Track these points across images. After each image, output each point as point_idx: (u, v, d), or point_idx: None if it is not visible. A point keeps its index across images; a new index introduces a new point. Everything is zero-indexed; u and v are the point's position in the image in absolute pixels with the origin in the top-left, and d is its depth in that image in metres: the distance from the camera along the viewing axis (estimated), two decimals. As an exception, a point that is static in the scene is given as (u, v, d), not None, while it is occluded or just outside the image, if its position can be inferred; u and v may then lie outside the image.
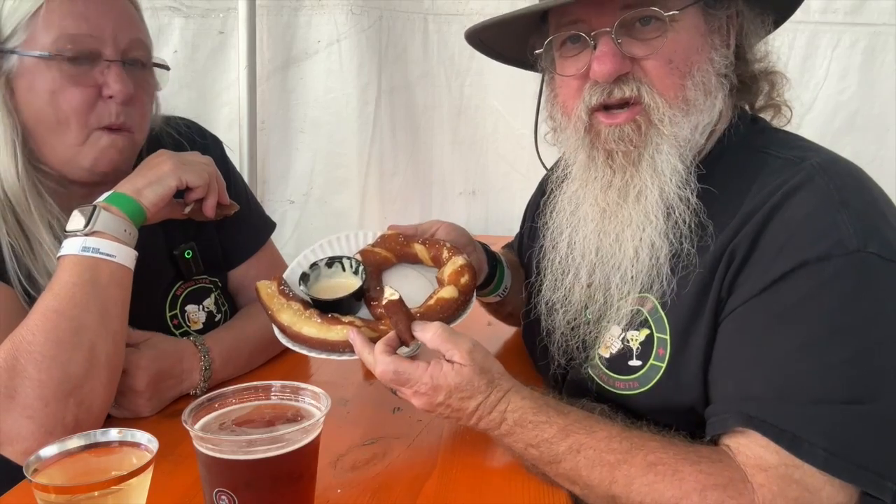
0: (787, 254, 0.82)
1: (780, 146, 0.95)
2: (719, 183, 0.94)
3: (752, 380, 0.82)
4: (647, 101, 0.92)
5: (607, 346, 0.99)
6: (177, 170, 1.09)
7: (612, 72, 0.91)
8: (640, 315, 0.95)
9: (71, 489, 0.69)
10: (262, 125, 2.57)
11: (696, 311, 0.90)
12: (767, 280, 0.83)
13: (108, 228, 1.01)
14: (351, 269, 1.11)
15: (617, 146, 0.94)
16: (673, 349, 0.92)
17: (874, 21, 2.31)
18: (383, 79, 2.57)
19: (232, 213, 1.23)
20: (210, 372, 1.16)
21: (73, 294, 0.97)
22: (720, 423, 0.84)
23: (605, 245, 0.98)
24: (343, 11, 2.51)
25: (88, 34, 1.05)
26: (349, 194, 2.69)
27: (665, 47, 0.91)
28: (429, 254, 1.16)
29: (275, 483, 0.74)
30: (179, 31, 2.45)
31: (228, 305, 1.33)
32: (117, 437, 0.76)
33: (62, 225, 1.07)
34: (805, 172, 0.87)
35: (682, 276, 0.92)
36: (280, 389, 0.83)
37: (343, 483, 0.91)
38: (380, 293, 1.03)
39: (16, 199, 1.05)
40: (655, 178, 0.92)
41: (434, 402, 0.89)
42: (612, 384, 0.98)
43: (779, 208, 0.85)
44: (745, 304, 0.85)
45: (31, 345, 0.94)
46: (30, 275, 1.05)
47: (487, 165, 2.62)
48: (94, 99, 1.08)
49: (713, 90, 0.93)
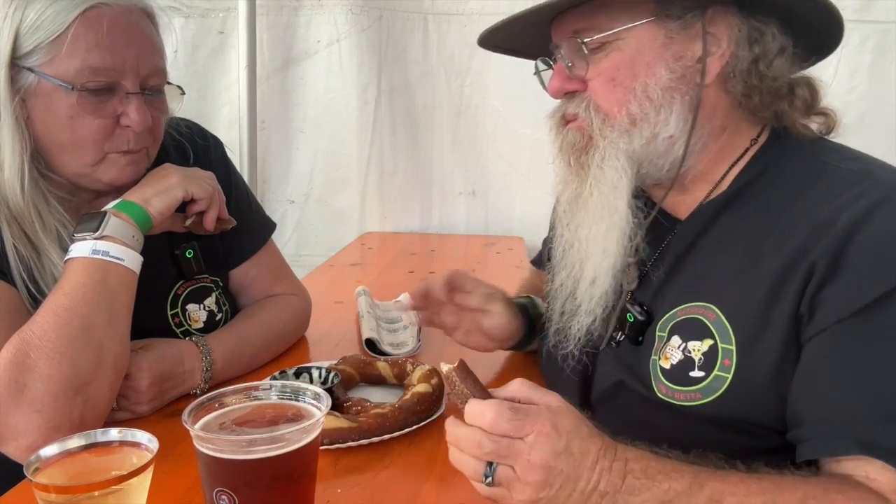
0: (883, 272, 0.80)
1: (836, 155, 0.95)
2: (771, 192, 0.93)
3: (856, 401, 0.79)
4: (587, 119, 0.97)
5: (667, 357, 0.96)
6: (183, 182, 1.12)
7: (557, 90, 1.00)
8: (702, 324, 0.93)
9: (71, 489, 0.69)
10: (261, 125, 2.57)
11: (764, 321, 0.87)
12: (865, 299, 0.80)
13: (117, 233, 1.03)
14: (319, 379, 1.13)
15: (570, 150, 1.01)
16: (739, 359, 0.89)
17: (884, 18, 2.27)
18: (383, 78, 2.57)
19: (229, 227, 1.25)
20: (211, 373, 1.16)
21: (83, 294, 0.98)
22: (824, 447, 0.80)
23: (574, 242, 1.02)
24: (343, 11, 2.51)
25: (112, 68, 1.05)
26: (349, 194, 2.69)
27: (607, 67, 0.95)
28: (392, 371, 1.21)
29: (275, 483, 0.74)
30: (179, 31, 2.45)
31: (229, 305, 1.33)
32: (117, 437, 0.76)
33: (69, 231, 1.08)
34: (883, 187, 0.86)
35: (742, 284, 0.90)
36: (280, 389, 0.83)
37: (343, 483, 0.92)
38: (352, 403, 1.06)
39: (19, 210, 1.06)
40: (597, 186, 0.97)
41: (557, 450, 0.74)
42: (671, 395, 0.94)
43: (864, 224, 0.83)
44: (841, 323, 0.81)
45: (41, 340, 0.95)
46: (34, 278, 1.06)
47: (487, 165, 2.62)
48: (111, 128, 1.08)
49: (665, 102, 0.94)
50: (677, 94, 0.95)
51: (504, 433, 0.75)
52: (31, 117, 1.06)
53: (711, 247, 0.97)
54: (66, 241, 1.07)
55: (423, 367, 1.16)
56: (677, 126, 0.95)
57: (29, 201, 1.06)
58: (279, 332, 1.34)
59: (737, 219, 0.96)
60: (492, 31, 1.04)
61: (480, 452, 0.76)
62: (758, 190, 0.96)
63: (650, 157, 0.97)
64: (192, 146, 1.29)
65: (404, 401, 1.05)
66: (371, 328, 1.41)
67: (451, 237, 2.63)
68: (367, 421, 1.00)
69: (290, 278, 1.47)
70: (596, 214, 0.98)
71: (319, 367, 1.15)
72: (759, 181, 0.97)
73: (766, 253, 0.89)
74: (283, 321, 1.36)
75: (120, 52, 1.05)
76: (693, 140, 0.96)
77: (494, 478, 0.76)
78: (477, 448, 0.76)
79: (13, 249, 1.04)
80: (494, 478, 0.76)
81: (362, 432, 0.99)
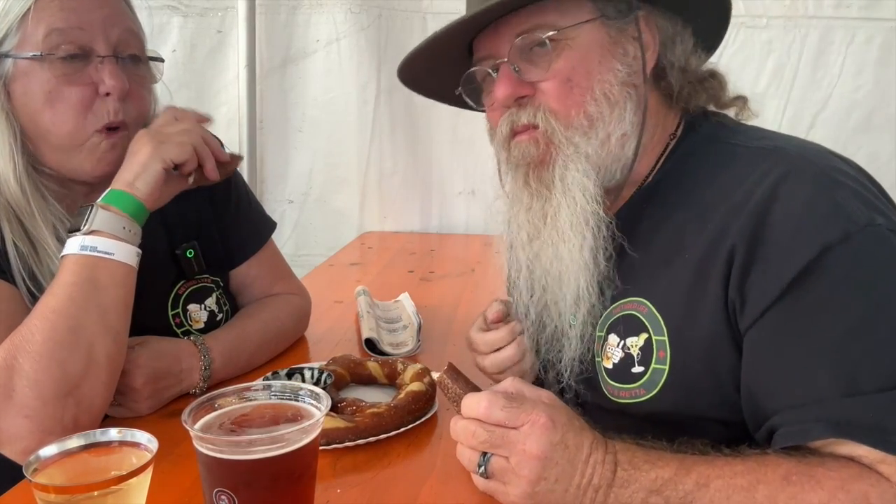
0: (802, 244, 0.80)
1: (746, 136, 0.96)
2: (688, 180, 0.95)
3: (815, 380, 0.79)
4: (543, 127, 0.94)
5: (609, 357, 0.97)
6: (157, 152, 1.05)
7: (507, 95, 0.94)
8: (636, 320, 0.94)
9: (71, 489, 0.69)
10: (260, 124, 2.57)
11: (692, 309, 0.88)
12: (790, 275, 0.80)
13: (106, 227, 1.00)
14: (312, 379, 1.12)
15: (521, 162, 0.98)
16: (672, 349, 0.90)
17: (890, 16, 2.26)
18: (382, 78, 2.57)
19: (237, 165, 1.19)
20: (210, 371, 1.16)
21: (70, 293, 0.97)
22: (799, 433, 0.79)
23: (536, 267, 0.99)
24: (342, 10, 2.51)
25: (77, 27, 1.04)
26: (348, 194, 2.69)
27: (561, 68, 0.93)
28: (383, 371, 1.20)
29: (275, 483, 0.73)
30: (178, 30, 2.45)
31: (230, 305, 1.33)
32: (117, 437, 0.76)
33: (66, 227, 1.07)
34: (787, 160, 0.87)
35: (668, 274, 0.91)
36: (280, 389, 0.83)
37: (343, 483, 0.91)
38: (346, 403, 1.05)
39: (17, 203, 1.05)
40: (565, 196, 0.94)
41: (553, 441, 0.75)
42: (617, 394, 0.95)
43: (773, 200, 0.84)
44: (774, 306, 0.81)
45: (29, 343, 0.94)
46: (34, 276, 1.05)
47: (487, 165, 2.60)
48: (90, 98, 1.07)
49: (620, 100, 0.94)
50: (630, 89, 0.95)
51: (498, 422, 0.77)
52: (14, 104, 1.06)
53: (639, 241, 0.97)
54: (63, 235, 1.06)
55: (414, 367, 1.16)
56: (630, 123, 0.95)
57: (25, 191, 1.05)
58: (278, 331, 1.34)
59: (659, 209, 0.97)
60: (411, 58, 1.01)
61: (475, 442, 0.78)
62: (676, 180, 0.98)
63: (605, 160, 0.95)
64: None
65: (399, 400, 1.05)
66: (371, 328, 1.41)
67: (451, 237, 2.63)
68: (363, 421, 1.00)
69: (290, 278, 1.47)
70: (567, 228, 0.95)
71: (312, 368, 1.15)
72: (676, 171, 0.98)
73: (688, 241, 0.90)
74: (282, 320, 1.35)
75: (86, 14, 1.05)
76: (644, 138, 0.97)
77: (487, 468, 0.77)
78: (472, 437, 0.78)
79: (13, 247, 1.04)
80: (487, 468, 0.77)
81: (359, 432, 0.99)
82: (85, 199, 1.15)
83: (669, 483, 0.76)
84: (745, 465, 0.77)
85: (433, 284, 1.95)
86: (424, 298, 1.71)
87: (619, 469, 0.77)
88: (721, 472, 0.76)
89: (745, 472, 0.76)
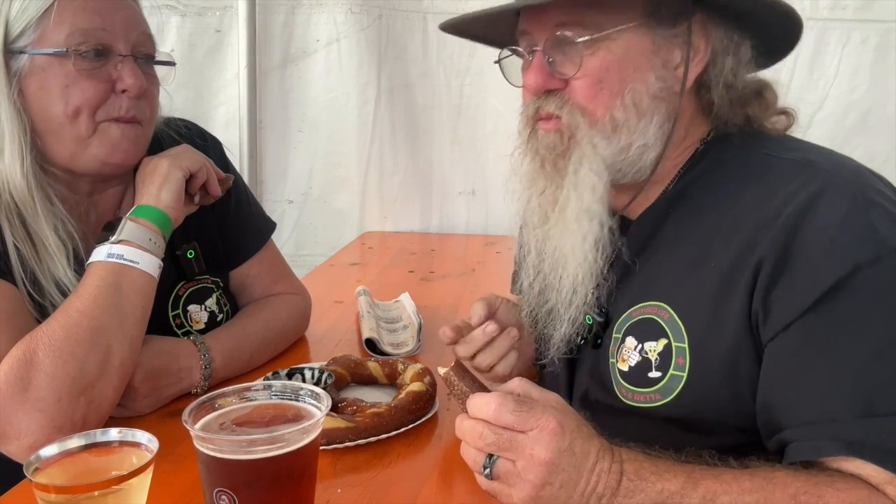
0: (833, 261, 0.80)
1: (779, 147, 0.94)
2: (718, 188, 0.93)
3: (833, 398, 0.78)
4: (567, 121, 0.93)
5: (624, 359, 0.96)
6: (175, 162, 1.14)
7: (537, 86, 0.94)
8: (656, 324, 0.93)
9: (71, 489, 0.69)
10: (259, 124, 2.57)
11: (715, 318, 0.87)
12: (819, 291, 0.79)
13: (133, 237, 1.06)
14: (312, 380, 1.13)
15: (546, 153, 0.96)
16: (692, 357, 0.89)
17: (885, 17, 2.25)
18: (383, 78, 2.57)
19: (231, 184, 1.28)
20: (210, 371, 1.16)
21: (95, 296, 1.00)
22: (811, 450, 0.78)
23: (543, 248, 0.99)
24: (342, 10, 2.51)
25: (101, 28, 1.07)
26: (348, 194, 2.69)
27: (595, 67, 0.91)
28: (383, 371, 1.20)
29: (275, 483, 0.74)
30: (176, 30, 2.44)
31: (230, 305, 1.33)
32: (117, 437, 0.76)
33: (67, 229, 1.08)
34: (823, 176, 0.86)
35: (692, 282, 0.90)
36: (280, 389, 0.83)
37: (343, 483, 0.91)
38: (347, 403, 1.06)
39: (22, 200, 1.06)
40: (575, 189, 0.94)
41: (562, 448, 0.74)
42: (631, 397, 0.94)
43: (806, 214, 0.83)
44: (800, 320, 0.81)
45: (50, 339, 0.96)
46: (34, 278, 1.06)
47: (487, 165, 2.61)
48: (107, 93, 1.09)
49: (648, 112, 0.92)
50: (661, 102, 0.93)
51: (507, 425, 0.76)
52: (26, 99, 1.07)
53: (663, 245, 0.97)
54: (66, 239, 1.08)
55: (414, 367, 1.16)
56: (654, 136, 0.94)
57: (31, 187, 1.06)
58: (279, 330, 1.34)
59: (686, 216, 0.96)
60: (463, 19, 0.99)
61: (482, 443, 0.76)
62: (705, 186, 0.96)
63: (621, 164, 0.95)
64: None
65: (399, 400, 1.05)
66: (371, 328, 1.41)
67: (451, 237, 2.63)
68: (364, 421, 1.00)
69: (290, 278, 1.47)
70: (573, 220, 0.95)
71: (312, 368, 1.15)
72: (705, 177, 0.96)
73: (715, 249, 0.89)
74: (282, 320, 1.36)
75: (108, 15, 1.08)
76: (668, 150, 0.95)
77: (493, 470, 0.76)
78: (479, 439, 0.76)
79: (14, 249, 1.04)
80: (493, 470, 0.76)
81: (360, 432, 0.99)
82: (87, 201, 1.16)
83: (675, 496, 0.75)
84: (752, 482, 0.76)
85: (433, 284, 1.95)
86: (425, 298, 1.71)
87: (624, 479, 0.76)
88: (728, 489, 0.75)
89: (753, 489, 0.75)
